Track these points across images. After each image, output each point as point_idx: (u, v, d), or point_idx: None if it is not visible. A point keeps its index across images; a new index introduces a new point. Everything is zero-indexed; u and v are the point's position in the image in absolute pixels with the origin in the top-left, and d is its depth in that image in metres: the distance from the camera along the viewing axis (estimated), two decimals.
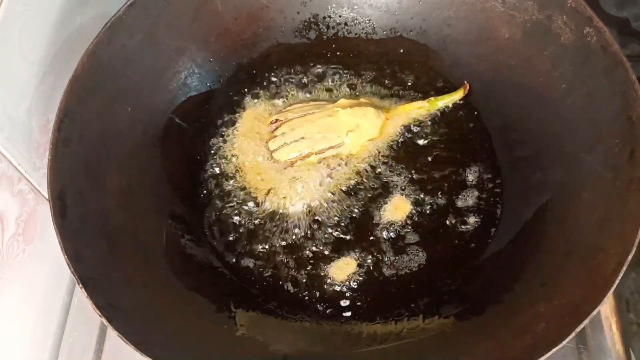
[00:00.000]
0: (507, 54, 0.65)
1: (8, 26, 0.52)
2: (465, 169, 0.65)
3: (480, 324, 0.54)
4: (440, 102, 0.69)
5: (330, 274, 0.61)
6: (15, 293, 0.58)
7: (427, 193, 0.64)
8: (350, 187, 0.65)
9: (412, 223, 0.63)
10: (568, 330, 0.45)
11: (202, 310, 0.57)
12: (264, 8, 0.70)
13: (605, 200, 0.52)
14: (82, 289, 0.47)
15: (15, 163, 0.55)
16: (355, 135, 0.66)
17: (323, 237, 0.62)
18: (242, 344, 0.55)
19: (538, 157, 0.62)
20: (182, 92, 0.67)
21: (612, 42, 0.54)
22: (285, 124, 0.66)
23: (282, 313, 0.59)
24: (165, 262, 0.58)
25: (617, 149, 0.52)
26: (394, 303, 0.59)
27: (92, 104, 0.57)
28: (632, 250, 0.46)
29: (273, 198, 0.64)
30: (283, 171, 0.66)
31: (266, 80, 0.72)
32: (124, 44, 0.60)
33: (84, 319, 0.65)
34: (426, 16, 0.70)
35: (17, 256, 0.57)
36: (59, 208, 0.51)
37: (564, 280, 0.51)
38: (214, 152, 0.68)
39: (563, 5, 0.57)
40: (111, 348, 0.63)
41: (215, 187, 0.66)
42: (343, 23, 0.73)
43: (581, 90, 0.57)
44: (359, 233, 0.63)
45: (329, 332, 0.58)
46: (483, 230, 0.62)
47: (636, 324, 0.62)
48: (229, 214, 0.64)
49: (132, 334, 0.47)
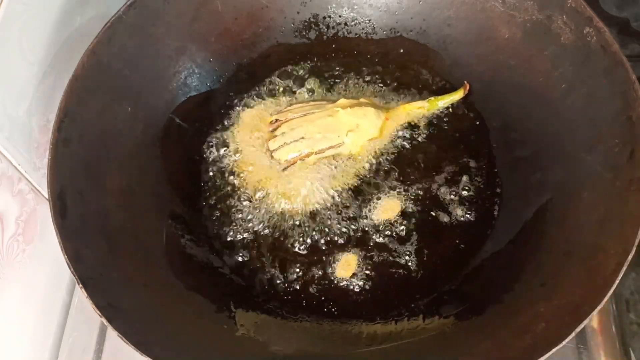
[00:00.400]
0: (507, 54, 0.65)
1: (8, 26, 0.52)
2: (465, 169, 0.65)
3: (480, 324, 0.54)
4: (441, 102, 0.69)
5: (330, 274, 0.61)
6: (15, 293, 0.58)
7: (426, 193, 0.64)
8: (350, 187, 0.65)
9: (412, 223, 0.63)
10: (568, 330, 0.45)
11: (202, 310, 0.57)
12: (264, 8, 0.70)
13: (605, 200, 0.52)
14: (82, 289, 0.47)
15: (15, 163, 0.55)
16: (355, 135, 0.66)
17: (323, 237, 0.62)
18: (242, 344, 0.55)
19: (538, 157, 0.62)
20: (182, 92, 0.67)
21: (612, 42, 0.54)
22: (285, 123, 0.66)
23: (282, 313, 0.59)
24: (165, 262, 0.58)
25: (617, 149, 0.52)
26: (394, 303, 0.59)
27: (92, 104, 0.57)
28: (632, 250, 0.46)
29: (273, 198, 0.64)
30: (283, 171, 0.66)
31: (266, 80, 0.72)
32: (124, 44, 0.60)
33: (84, 319, 0.65)
34: (426, 16, 0.70)
35: (17, 256, 0.57)
36: (59, 208, 0.51)
37: (564, 280, 0.51)
38: (214, 152, 0.68)
39: (563, 5, 0.57)
40: (111, 348, 0.63)
41: (215, 187, 0.66)
42: (343, 23, 0.73)
43: (581, 90, 0.57)
44: (358, 233, 0.63)
45: (329, 332, 0.58)
46: (483, 230, 0.62)
47: (636, 324, 0.62)
48: (229, 214, 0.64)
49: (132, 334, 0.47)
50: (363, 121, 0.66)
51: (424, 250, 0.61)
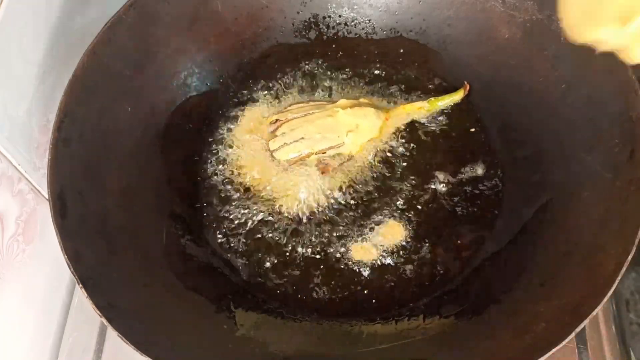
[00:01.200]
0: (507, 54, 0.65)
1: (8, 26, 0.52)
2: (465, 169, 0.65)
3: (480, 324, 0.54)
4: (440, 103, 0.69)
5: (330, 273, 0.61)
6: (15, 293, 0.58)
7: (426, 193, 0.64)
8: (350, 186, 0.65)
9: (411, 223, 0.63)
10: (568, 330, 0.45)
11: (202, 310, 0.57)
12: (264, 8, 0.70)
13: (605, 200, 0.52)
14: (82, 289, 0.47)
15: (15, 163, 0.55)
16: (355, 136, 0.66)
17: (323, 237, 0.62)
18: (242, 344, 0.55)
19: (538, 157, 0.62)
20: (182, 92, 0.67)
21: None
22: (285, 124, 0.66)
23: (282, 313, 0.59)
24: (165, 262, 0.58)
25: (617, 149, 0.52)
26: (394, 303, 0.59)
27: (92, 104, 0.57)
28: (632, 250, 0.46)
29: (273, 198, 0.64)
30: (283, 171, 0.66)
31: (266, 80, 0.72)
32: (124, 44, 0.60)
33: (84, 319, 0.65)
34: (426, 16, 0.70)
35: (17, 256, 0.57)
36: (59, 208, 0.51)
37: (564, 280, 0.51)
38: (214, 152, 0.68)
39: None
40: (111, 348, 0.63)
41: (215, 187, 0.66)
42: (343, 23, 0.73)
43: (581, 90, 0.57)
44: (358, 233, 0.63)
45: (329, 332, 0.58)
46: (483, 230, 0.62)
47: (636, 324, 0.62)
48: (229, 214, 0.64)
49: (132, 334, 0.47)
50: (363, 121, 0.66)
51: (423, 251, 0.61)
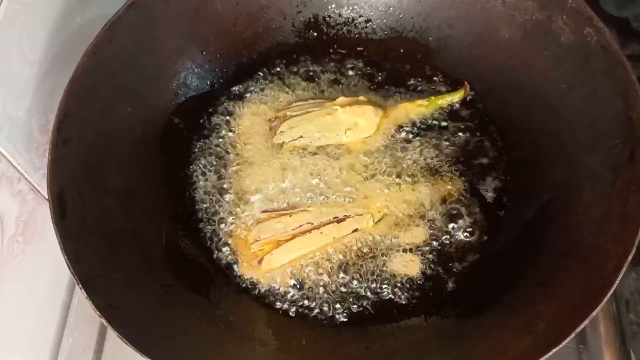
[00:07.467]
0: (508, 54, 0.65)
1: (8, 26, 0.52)
2: (465, 169, 0.65)
3: (480, 324, 0.54)
4: (440, 102, 0.69)
5: (330, 274, 0.61)
6: (15, 293, 0.58)
7: (425, 193, 0.64)
8: (350, 186, 0.65)
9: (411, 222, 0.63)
10: (568, 330, 0.45)
11: (202, 310, 0.57)
12: (263, 8, 0.70)
13: (605, 200, 0.52)
14: (82, 289, 0.47)
15: (15, 163, 0.55)
16: (353, 134, 0.66)
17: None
18: (242, 344, 0.55)
19: (538, 157, 0.62)
20: (182, 92, 0.67)
21: (612, 42, 0.54)
22: (284, 122, 0.66)
23: (282, 313, 0.59)
24: (165, 262, 0.58)
25: (617, 149, 0.52)
26: (394, 303, 0.59)
27: (92, 104, 0.57)
28: (632, 251, 0.46)
29: (273, 198, 0.64)
30: (283, 171, 0.65)
31: (266, 80, 0.72)
32: (124, 44, 0.60)
33: (84, 319, 0.65)
34: (426, 16, 0.70)
35: (17, 256, 0.57)
36: (59, 208, 0.51)
37: (564, 280, 0.51)
38: (214, 152, 0.68)
39: (563, 5, 0.57)
40: (111, 348, 0.64)
41: (215, 187, 0.66)
42: (343, 23, 0.73)
43: (581, 90, 0.57)
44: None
45: (330, 333, 0.58)
46: (483, 230, 0.62)
47: (636, 324, 0.62)
48: (229, 214, 0.64)
49: (132, 334, 0.47)
50: (362, 119, 0.66)
51: (424, 250, 0.61)
